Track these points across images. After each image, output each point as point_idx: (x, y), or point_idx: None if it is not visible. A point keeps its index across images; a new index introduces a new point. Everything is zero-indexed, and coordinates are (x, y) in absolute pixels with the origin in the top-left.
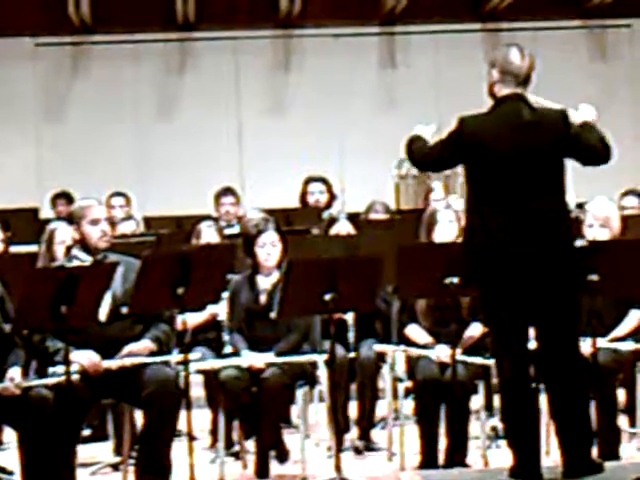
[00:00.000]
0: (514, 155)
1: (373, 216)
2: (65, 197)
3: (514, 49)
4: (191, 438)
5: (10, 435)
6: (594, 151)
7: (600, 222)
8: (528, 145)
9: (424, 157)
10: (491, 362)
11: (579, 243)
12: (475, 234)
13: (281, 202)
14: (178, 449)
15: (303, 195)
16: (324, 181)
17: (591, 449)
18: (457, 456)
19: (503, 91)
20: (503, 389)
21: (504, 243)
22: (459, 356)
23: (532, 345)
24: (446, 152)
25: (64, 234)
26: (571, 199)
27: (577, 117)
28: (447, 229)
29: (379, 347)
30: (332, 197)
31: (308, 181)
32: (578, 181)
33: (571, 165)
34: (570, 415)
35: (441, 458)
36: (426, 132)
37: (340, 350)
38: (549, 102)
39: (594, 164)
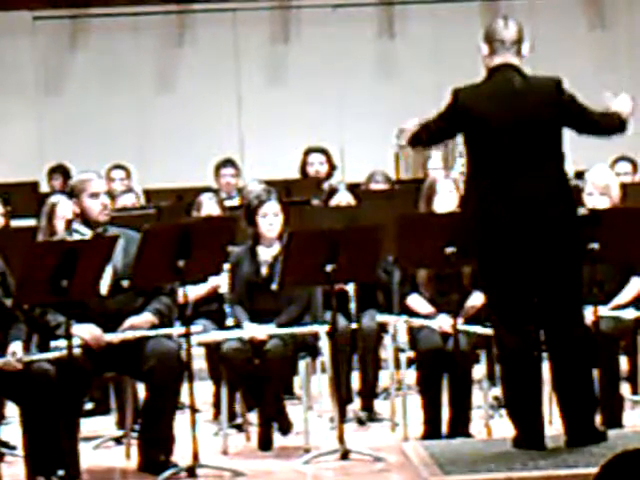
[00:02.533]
0: (507, 124)
1: (373, 186)
2: (61, 171)
3: (498, 19)
4: (194, 411)
5: (12, 410)
6: (595, 126)
7: (600, 190)
8: (520, 113)
9: (419, 133)
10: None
11: (580, 212)
12: (472, 204)
13: (281, 173)
14: (181, 422)
15: (303, 166)
16: (324, 152)
17: (594, 417)
18: (460, 426)
19: (494, 61)
20: (503, 360)
21: (501, 213)
22: (461, 326)
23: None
24: (442, 124)
25: (65, 209)
26: (569, 168)
27: (613, 105)
28: (447, 199)
29: (381, 317)
30: (332, 168)
31: (308, 152)
32: (576, 149)
33: (568, 134)
34: (573, 384)
35: (444, 428)
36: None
37: (342, 321)
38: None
39: (593, 135)
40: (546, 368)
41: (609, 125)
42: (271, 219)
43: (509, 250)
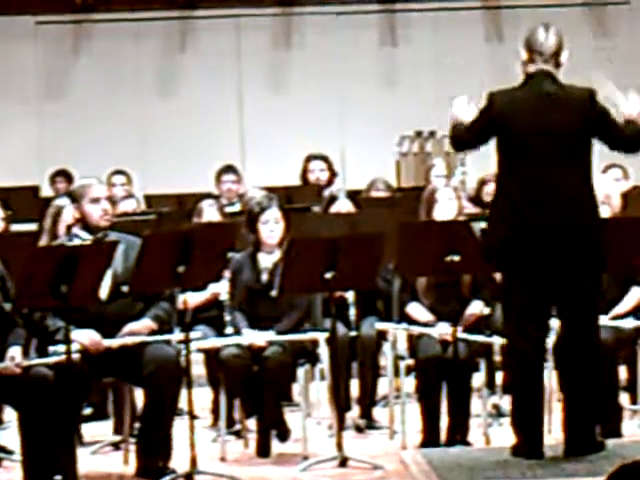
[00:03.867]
0: (539, 130)
1: (375, 194)
2: (64, 175)
3: (540, 27)
4: (192, 417)
5: (10, 414)
6: (627, 141)
7: (601, 200)
8: (553, 120)
9: (460, 137)
10: (492, 340)
11: None
12: (501, 209)
13: (282, 180)
14: (179, 428)
15: (304, 173)
16: (325, 159)
17: (595, 428)
18: (459, 434)
19: (531, 68)
20: (513, 366)
21: (530, 218)
22: (460, 334)
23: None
24: (478, 128)
25: (70, 213)
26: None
27: (625, 109)
28: (447, 207)
29: (380, 325)
30: (333, 175)
31: (309, 159)
32: None
33: None
34: (581, 394)
35: (443, 436)
36: (466, 114)
37: (341, 328)
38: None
39: (622, 151)
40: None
41: (638, 141)
42: (272, 226)
43: (535, 256)
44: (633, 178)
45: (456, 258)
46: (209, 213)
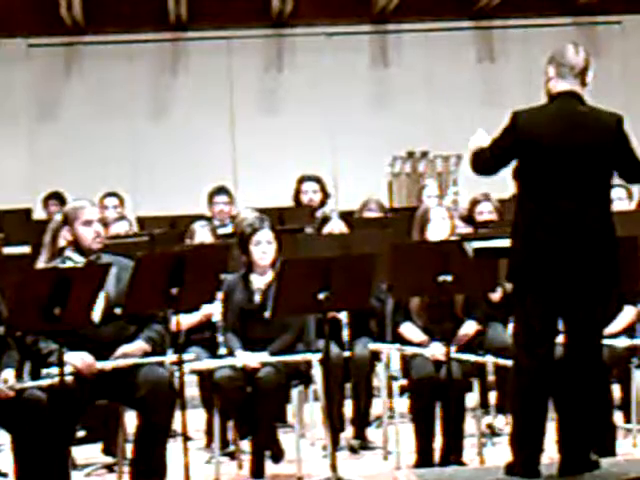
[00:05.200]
0: (564, 152)
1: (367, 214)
2: (57, 198)
3: (569, 45)
4: (186, 438)
5: (4, 437)
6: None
7: None
8: (580, 143)
9: (482, 162)
10: (485, 359)
11: None
12: (521, 230)
13: (274, 201)
14: (173, 449)
15: (297, 194)
16: (317, 180)
17: (590, 447)
18: (453, 454)
19: (559, 86)
20: (519, 386)
21: (549, 241)
22: (454, 354)
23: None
24: (501, 148)
25: None
26: None
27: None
28: (440, 227)
29: (374, 346)
30: (325, 196)
31: (301, 180)
32: None
33: None
34: (577, 414)
35: (437, 456)
36: (483, 141)
37: (335, 349)
38: None
39: (631, 181)
40: None
41: None
42: (264, 247)
43: (550, 280)
44: (637, 198)
45: (449, 278)
46: (201, 234)
